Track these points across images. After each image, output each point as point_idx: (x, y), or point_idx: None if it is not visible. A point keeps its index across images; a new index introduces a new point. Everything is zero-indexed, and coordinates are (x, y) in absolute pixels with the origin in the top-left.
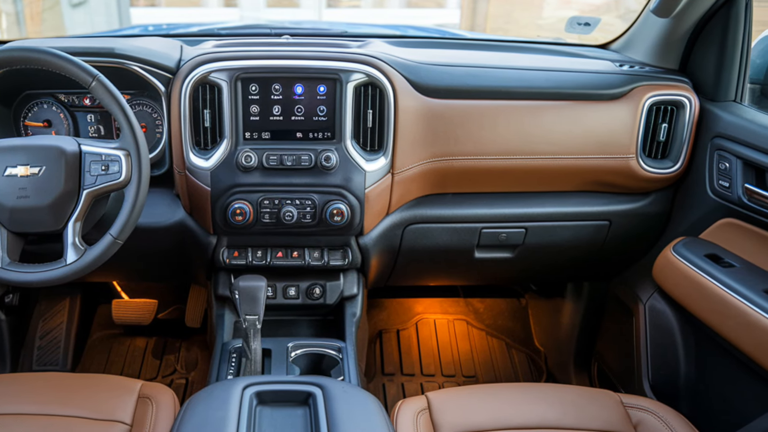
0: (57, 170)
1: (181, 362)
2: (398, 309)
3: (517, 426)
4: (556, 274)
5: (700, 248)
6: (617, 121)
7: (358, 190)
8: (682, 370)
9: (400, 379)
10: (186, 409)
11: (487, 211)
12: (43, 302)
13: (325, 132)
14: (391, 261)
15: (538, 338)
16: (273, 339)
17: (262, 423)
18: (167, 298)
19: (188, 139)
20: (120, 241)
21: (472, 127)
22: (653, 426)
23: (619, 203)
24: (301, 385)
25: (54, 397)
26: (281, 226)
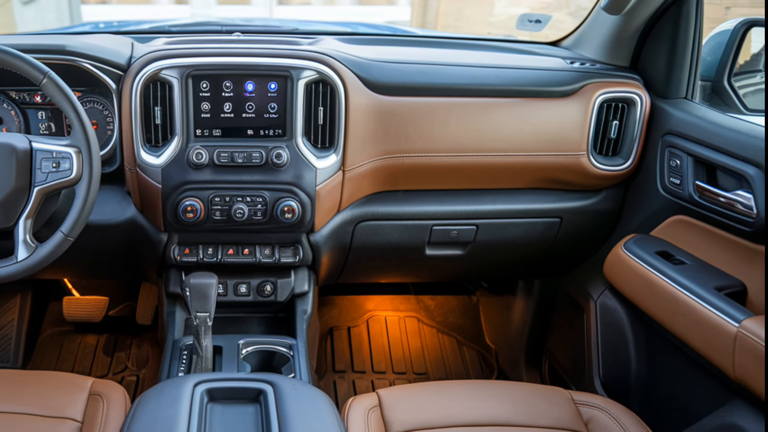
0: (7, 167)
1: (132, 359)
2: (349, 306)
3: (467, 423)
4: (507, 271)
5: (651, 245)
6: (568, 118)
7: (309, 187)
8: (633, 368)
9: (351, 376)
10: (137, 407)
11: (438, 208)
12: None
13: (276, 129)
14: (342, 258)
15: (489, 335)
16: (224, 336)
17: (213, 420)
18: (118, 295)
19: (139, 137)
20: (71, 239)
21: (422, 124)
22: (604, 423)
23: (570, 200)
24: (252, 382)
25: (4, 394)
26: (232, 224)
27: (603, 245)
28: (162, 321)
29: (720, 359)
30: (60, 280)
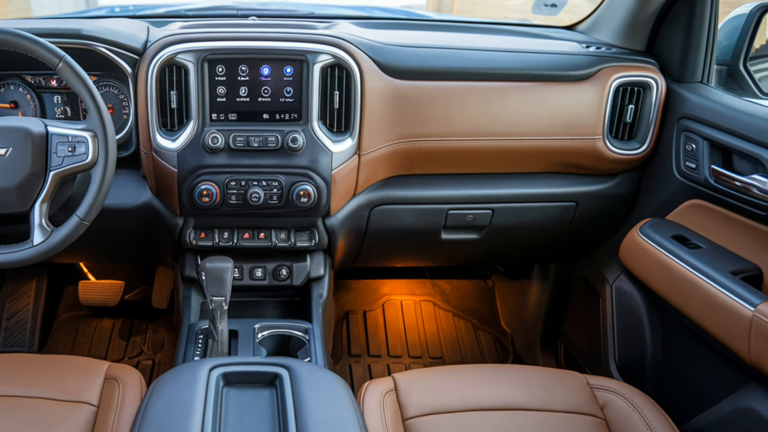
0: (23, 151)
1: (148, 343)
2: (365, 290)
3: (483, 407)
4: (523, 256)
5: (667, 229)
6: (584, 103)
7: (325, 171)
8: (649, 352)
9: (367, 360)
10: (153, 391)
11: (453, 192)
12: (10, 283)
13: (291, 113)
14: (358, 242)
15: (504, 319)
16: (240, 320)
17: (229, 404)
18: (134, 280)
19: (155, 121)
20: (87, 223)
21: (438, 108)
22: (620, 407)
23: (586, 184)
24: (268, 366)
25: (20, 379)
26: (248, 208)
27: (619, 229)
28: (178, 305)
29: (736, 343)
30: (76, 264)
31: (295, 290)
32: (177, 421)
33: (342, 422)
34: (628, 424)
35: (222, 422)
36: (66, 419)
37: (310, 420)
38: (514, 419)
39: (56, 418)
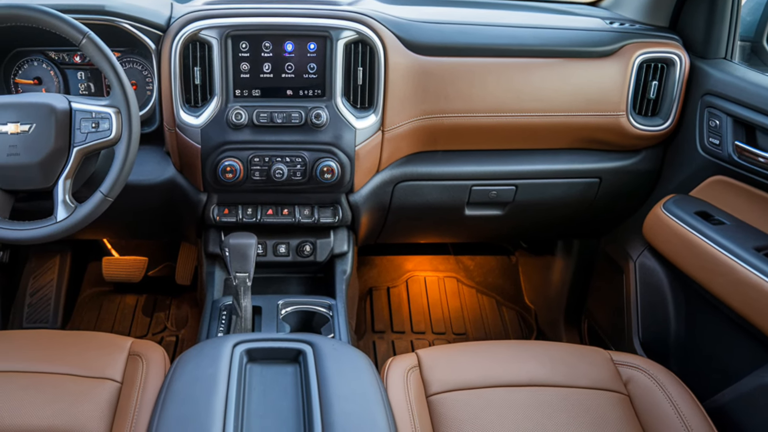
0: (47, 128)
1: (172, 320)
2: (388, 266)
3: (506, 383)
4: (547, 232)
5: (690, 205)
6: (607, 79)
7: (349, 147)
8: (673, 328)
9: (391, 336)
10: (176, 367)
11: (477, 168)
12: (34, 260)
13: (315, 89)
14: (382, 218)
15: (528, 296)
16: (263, 296)
17: (253, 380)
18: (157, 256)
19: (178, 97)
20: (110, 199)
21: (462, 84)
22: (643, 383)
23: (610, 160)
24: (292, 342)
25: (44, 355)
26: (271, 184)
27: (642, 205)
28: (201, 281)
29: (759, 319)
30: (99, 240)
31: (319, 266)
32: (201, 397)
33: (365, 398)
34: (651, 400)
35: (246, 398)
36: (90, 395)
37: (333, 396)
38: (537, 395)
39: (80, 394)
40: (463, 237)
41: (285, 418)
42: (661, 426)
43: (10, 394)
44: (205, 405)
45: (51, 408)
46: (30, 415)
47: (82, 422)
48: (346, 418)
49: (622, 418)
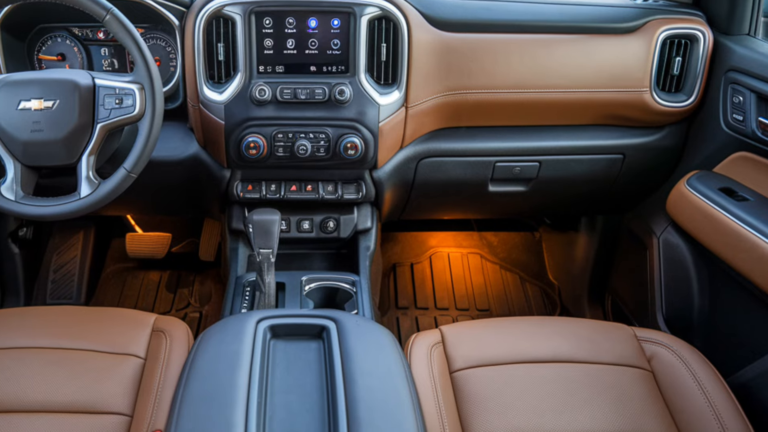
0: (71, 104)
1: (195, 296)
2: (412, 242)
3: (530, 359)
4: (570, 208)
5: (714, 182)
6: (631, 55)
7: (372, 123)
8: (696, 304)
9: (414, 312)
10: (200, 343)
11: (500, 144)
12: (57, 236)
13: (339, 66)
14: (405, 194)
15: (552, 272)
16: (287, 272)
17: (276, 356)
18: (181, 232)
19: (202, 73)
20: (134, 175)
21: (485, 60)
22: (667, 359)
23: (633, 137)
24: (315, 318)
25: (68, 331)
26: (295, 160)
27: (666, 182)
28: (225, 257)
29: None
30: (123, 216)
31: (343, 242)
32: (224, 373)
33: (389, 374)
34: (675, 376)
35: (269, 374)
36: (113, 371)
37: (357, 372)
38: (560, 371)
39: (104, 371)
40: (487, 213)
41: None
42: (685, 402)
43: (34, 370)
44: (229, 381)
45: (74, 384)
46: (53, 391)
47: (105, 398)
48: (369, 394)
49: (646, 394)
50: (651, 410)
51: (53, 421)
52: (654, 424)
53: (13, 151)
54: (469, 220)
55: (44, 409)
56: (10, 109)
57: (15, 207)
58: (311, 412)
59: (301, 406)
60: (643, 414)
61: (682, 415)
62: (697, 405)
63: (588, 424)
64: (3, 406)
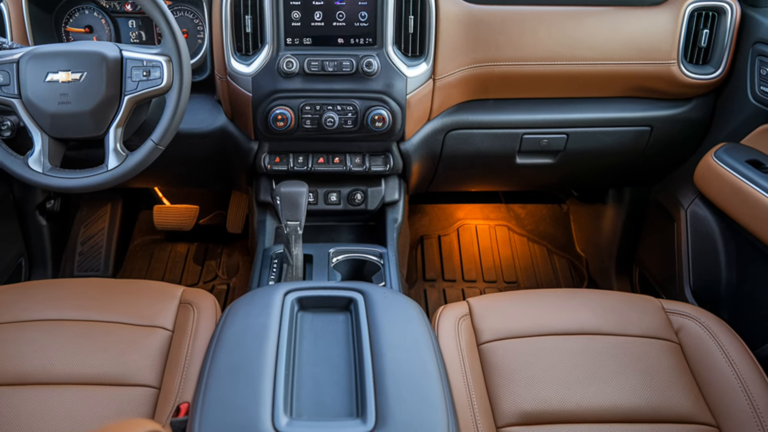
0: (98, 76)
1: (223, 268)
2: (439, 215)
3: (557, 332)
4: (598, 180)
5: (742, 154)
6: (658, 27)
7: (400, 95)
8: (724, 276)
9: (442, 284)
10: (227, 315)
11: (528, 116)
12: (85, 208)
13: (366, 38)
14: (433, 167)
15: (579, 244)
16: (314, 245)
17: (304, 328)
18: (208, 204)
19: (229, 45)
20: (161, 147)
21: (513, 32)
22: (694, 332)
23: (661, 109)
24: (343, 291)
25: (96, 303)
26: (322, 132)
27: (693, 154)
28: (252, 229)
29: None
30: (150, 188)
31: (370, 215)
32: (252, 345)
33: (417, 346)
34: (702, 349)
35: (297, 346)
36: (141, 343)
37: (384, 344)
38: (588, 344)
39: (131, 343)
40: (514, 185)
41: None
42: (712, 374)
43: (61, 343)
44: (256, 353)
45: (102, 356)
46: (82, 363)
47: (133, 370)
48: (397, 366)
49: (673, 367)
50: (678, 382)
51: (81, 393)
52: (681, 396)
53: (41, 123)
54: (496, 192)
55: (72, 381)
56: (37, 82)
57: (42, 179)
58: (339, 384)
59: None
60: (670, 386)
61: (709, 388)
62: (725, 377)
63: (615, 396)
64: (31, 379)
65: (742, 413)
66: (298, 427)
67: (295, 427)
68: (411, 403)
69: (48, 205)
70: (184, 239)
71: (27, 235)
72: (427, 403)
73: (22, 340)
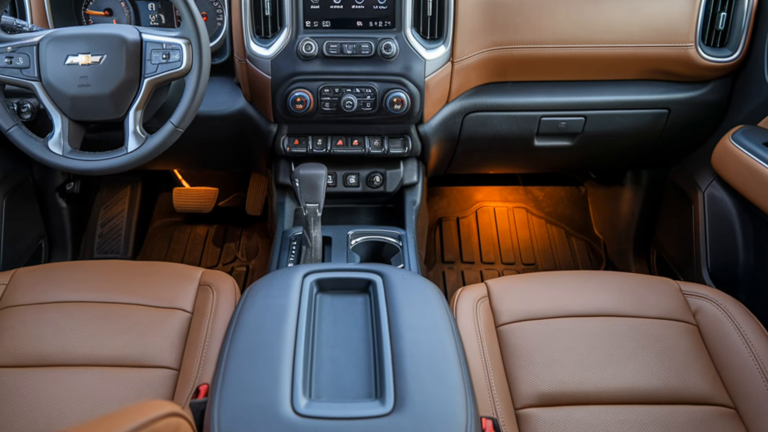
0: (118, 58)
1: (242, 250)
2: (458, 197)
3: (575, 313)
4: (616, 162)
5: (759, 136)
6: (676, 10)
7: (418, 78)
8: (741, 258)
9: (460, 266)
10: (246, 297)
11: (546, 99)
12: (104, 190)
13: (385, 20)
14: (451, 149)
15: (597, 226)
16: (333, 227)
17: (323, 310)
18: (228, 186)
19: (249, 28)
20: (181, 129)
21: (531, 15)
22: (712, 313)
23: (678, 91)
24: (362, 272)
25: (115, 285)
26: (341, 115)
27: (711, 136)
28: (271, 212)
29: None
30: (170, 171)
31: (389, 197)
32: (271, 326)
33: (435, 328)
34: (720, 330)
35: (316, 328)
36: (161, 325)
37: (403, 325)
38: (605, 325)
39: (151, 325)
40: (533, 167)
41: (355, 347)
42: (730, 356)
43: (81, 324)
44: (276, 334)
45: (122, 338)
46: (101, 345)
47: (153, 352)
48: (416, 348)
49: (691, 348)
50: (696, 364)
51: (100, 374)
52: (698, 377)
53: (61, 105)
54: (514, 174)
55: (92, 363)
56: (57, 64)
57: (62, 161)
58: (357, 366)
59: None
60: (688, 368)
61: (727, 370)
62: (742, 359)
63: (633, 378)
64: (51, 360)
65: (760, 395)
66: (318, 408)
67: (314, 408)
68: (430, 385)
69: (68, 188)
70: (204, 221)
71: (47, 218)
72: (445, 385)
73: (42, 321)
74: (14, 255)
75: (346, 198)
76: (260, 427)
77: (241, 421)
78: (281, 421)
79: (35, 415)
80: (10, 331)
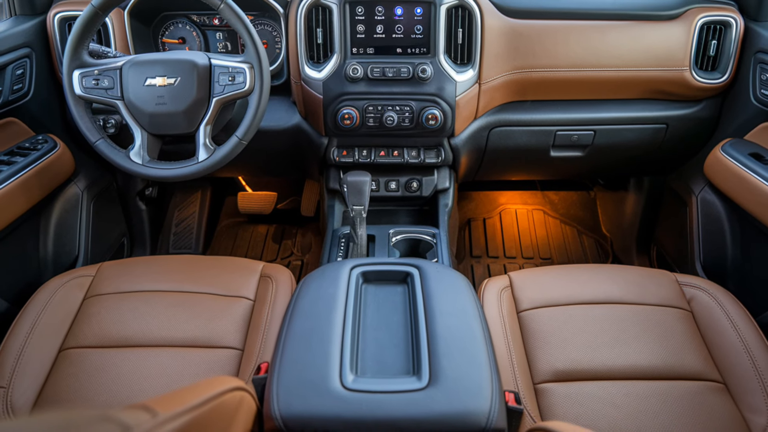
0: (190, 81)
1: (297, 246)
2: (484, 200)
3: (585, 301)
4: (621, 170)
5: (745, 148)
6: (673, 39)
7: (450, 97)
8: (730, 253)
9: (486, 261)
10: (302, 287)
11: (561, 115)
12: (178, 194)
13: (421, 48)
14: (478, 159)
15: (605, 226)
16: (376, 226)
17: (367, 298)
18: (285, 191)
19: (303, 54)
20: (245, 142)
21: (547, 43)
22: (704, 301)
23: (675, 109)
24: (401, 266)
25: (189, 277)
26: (383, 129)
27: (703, 148)
28: (323, 213)
29: None
30: (235, 177)
31: (424, 200)
32: (323, 312)
33: (465, 314)
34: (711, 315)
35: (361, 313)
36: (227, 311)
37: (437, 311)
38: (612, 311)
39: (219, 311)
40: (549, 175)
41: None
42: (719, 337)
43: (159, 311)
44: (327, 319)
45: (194, 322)
46: (176, 328)
47: (220, 335)
48: (448, 331)
49: (686, 331)
50: (690, 345)
51: (175, 354)
52: (692, 357)
53: (141, 121)
54: (533, 180)
55: (167, 344)
56: (138, 86)
57: (142, 170)
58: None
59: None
60: (683, 348)
61: (717, 350)
62: (730, 340)
63: (636, 357)
64: (132, 341)
65: (746, 371)
66: (363, 383)
67: (359, 383)
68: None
69: (147, 193)
70: (264, 221)
71: (129, 218)
72: (474, 363)
73: (124, 308)
74: (100, 251)
75: (387, 201)
76: (313, 400)
77: (297, 394)
78: (331, 394)
79: (118, 389)
80: (96, 316)
